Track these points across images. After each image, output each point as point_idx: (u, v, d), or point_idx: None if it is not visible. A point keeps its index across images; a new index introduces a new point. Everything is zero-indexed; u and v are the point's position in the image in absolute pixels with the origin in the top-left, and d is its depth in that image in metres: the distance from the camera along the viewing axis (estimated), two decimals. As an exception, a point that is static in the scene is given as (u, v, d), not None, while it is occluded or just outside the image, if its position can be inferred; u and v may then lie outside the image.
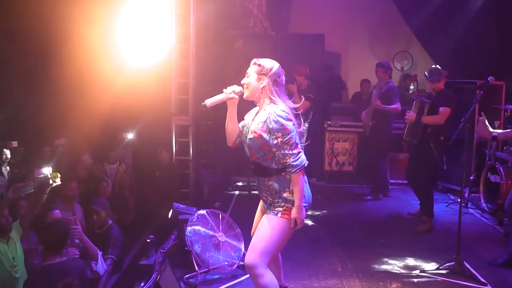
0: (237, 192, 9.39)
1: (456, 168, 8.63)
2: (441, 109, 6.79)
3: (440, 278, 5.48)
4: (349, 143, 10.19)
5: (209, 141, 9.42)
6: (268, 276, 3.93)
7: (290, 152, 3.78)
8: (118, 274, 5.78)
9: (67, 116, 7.70)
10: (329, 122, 10.13)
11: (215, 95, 4.03)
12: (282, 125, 3.75)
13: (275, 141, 3.77)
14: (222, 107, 4.16)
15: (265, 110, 3.89)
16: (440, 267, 5.66)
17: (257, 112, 4.00)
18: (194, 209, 6.03)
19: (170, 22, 7.78)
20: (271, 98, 3.90)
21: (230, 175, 9.94)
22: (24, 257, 5.13)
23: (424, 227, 7.11)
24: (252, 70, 4.00)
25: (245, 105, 4.22)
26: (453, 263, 5.61)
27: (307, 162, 3.87)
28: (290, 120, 3.81)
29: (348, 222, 7.66)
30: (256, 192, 4.26)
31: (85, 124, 7.64)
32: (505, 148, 7.90)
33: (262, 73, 3.95)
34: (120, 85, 7.50)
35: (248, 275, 5.54)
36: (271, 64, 3.99)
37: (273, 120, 3.76)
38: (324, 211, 8.17)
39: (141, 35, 7.47)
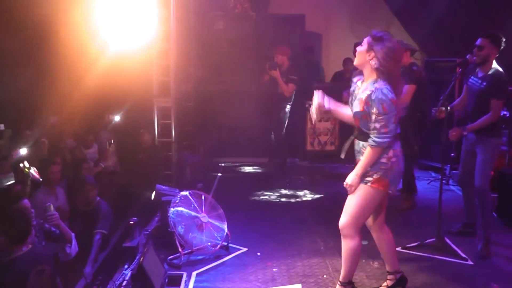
0: (220, 174, 9.40)
1: (436, 146, 8.73)
2: (405, 87, 6.40)
3: (421, 254, 5.57)
4: (331, 122, 10.24)
5: (191, 123, 9.42)
6: (357, 241, 4.20)
7: (379, 130, 3.95)
8: (107, 251, 5.80)
9: (52, 99, 7.66)
10: (310, 102, 10.14)
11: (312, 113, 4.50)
12: (384, 103, 3.90)
13: (372, 115, 3.96)
14: (199, 88, 4.18)
15: (373, 83, 4.01)
16: (421, 244, 5.76)
17: (363, 81, 4.15)
18: (177, 191, 6.05)
19: (150, 4, 7.70)
20: (381, 74, 3.99)
21: (212, 157, 9.96)
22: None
23: (406, 204, 7.20)
24: (365, 40, 4.08)
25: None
26: (434, 239, 5.71)
27: (388, 141, 3.99)
28: (393, 100, 3.93)
29: (331, 201, 7.71)
30: (239, 172, 4.30)
31: (70, 107, 7.61)
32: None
33: (371, 46, 4.02)
34: (101, 68, 7.45)
35: (231, 255, 5.60)
36: (388, 40, 4.01)
37: (378, 96, 3.91)
38: (307, 191, 8.24)
39: (122, 18, 7.39)
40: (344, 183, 4.18)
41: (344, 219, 4.21)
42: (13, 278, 4.20)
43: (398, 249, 5.68)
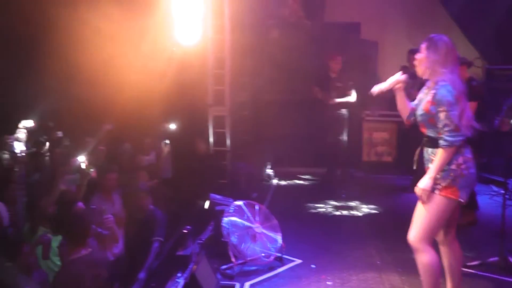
0: (274, 183, 9.34)
1: (499, 159, 8.37)
2: None
3: (483, 274, 5.30)
4: (388, 133, 10.02)
5: (246, 132, 9.41)
6: (431, 255, 4.03)
7: (448, 127, 3.83)
8: (160, 258, 5.83)
9: (109, 107, 7.82)
10: (367, 112, 9.97)
11: (380, 83, 4.27)
12: (448, 100, 3.82)
13: (439, 114, 3.86)
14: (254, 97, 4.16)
15: (436, 85, 3.94)
16: (483, 263, 5.49)
17: (429, 87, 4.06)
18: (231, 200, 6.03)
19: (204, 14, 7.76)
20: (441, 74, 3.93)
21: (267, 166, 9.91)
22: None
23: (467, 219, 6.91)
24: (424, 45, 4.03)
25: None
26: (497, 258, 5.44)
27: (460, 139, 3.87)
28: (458, 97, 3.86)
29: (387, 214, 7.53)
30: (293, 183, 4.24)
31: (126, 115, 7.73)
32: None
33: (431, 49, 3.97)
34: (158, 76, 7.56)
35: (285, 267, 5.52)
36: (440, 40, 3.99)
37: (442, 93, 3.85)
38: (363, 203, 8.06)
39: (178, 27, 7.48)
40: (416, 188, 4.00)
41: (414, 233, 4.06)
42: (69, 279, 4.29)
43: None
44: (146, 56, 7.43)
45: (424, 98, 4.04)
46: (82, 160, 6.46)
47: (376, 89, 4.26)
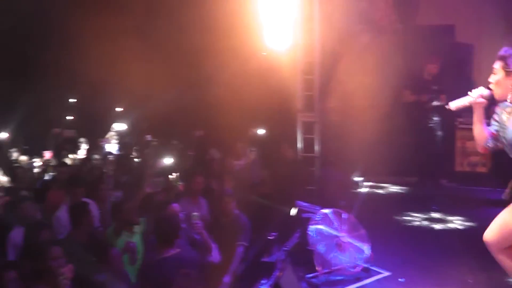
0: (363, 191, 9.15)
1: None
2: None
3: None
4: (483, 142, 9.53)
5: (336, 138, 9.27)
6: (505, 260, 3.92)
7: None
8: (245, 264, 5.84)
9: (199, 113, 7.98)
10: (461, 119, 9.55)
11: (460, 98, 3.94)
12: None
13: None
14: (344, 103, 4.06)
15: None
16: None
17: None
18: (318, 208, 5.95)
19: (294, 19, 7.73)
20: None
21: (356, 174, 9.71)
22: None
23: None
24: (498, 66, 3.71)
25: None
26: None
27: None
28: None
29: (481, 229, 7.13)
30: (382, 192, 4.13)
31: (216, 121, 7.85)
32: None
33: (509, 69, 3.65)
34: (246, 82, 7.62)
35: (372, 279, 5.38)
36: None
37: None
38: (455, 216, 7.70)
39: (267, 30, 7.50)
40: None
41: (486, 234, 3.97)
42: (160, 277, 4.42)
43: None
44: (236, 62, 7.51)
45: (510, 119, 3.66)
46: (169, 162, 6.63)
47: (454, 105, 3.93)
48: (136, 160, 8.81)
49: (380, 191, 9.34)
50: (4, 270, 4.28)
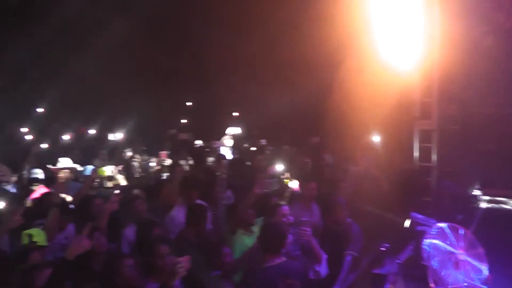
0: (482, 206, 8.61)
1: None
2: None
3: None
4: None
5: (454, 148, 8.83)
6: None
7: None
8: (356, 273, 5.73)
9: (316, 120, 7.96)
10: None
11: None
12: None
13: None
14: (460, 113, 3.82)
15: None
16: None
17: None
18: (433, 221, 5.69)
19: (416, 22, 7.47)
20: None
21: (475, 187, 9.18)
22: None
23: None
24: None
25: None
26: None
27: None
28: None
29: None
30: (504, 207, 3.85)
31: (330, 126, 7.78)
32: None
33: None
34: (362, 87, 7.49)
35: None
36: None
37: None
38: None
39: (385, 35, 7.32)
40: None
41: None
42: (262, 286, 4.41)
43: None
44: (354, 68, 7.40)
45: None
46: (280, 169, 6.65)
47: None
48: (248, 164, 8.94)
49: (501, 206, 8.73)
50: (122, 257, 4.50)
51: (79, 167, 8.19)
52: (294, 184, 6.75)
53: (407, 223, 5.95)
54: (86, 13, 13.18)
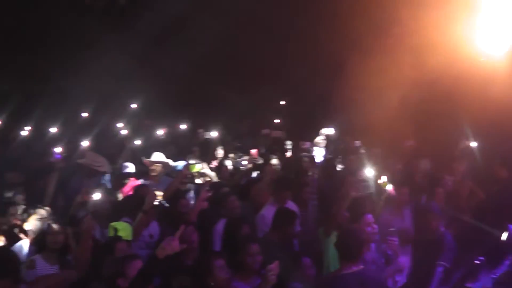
0: None
1: None
2: None
3: None
4: None
5: None
6: None
7: None
8: (447, 286, 5.55)
9: (412, 123, 7.75)
10: None
11: None
12: None
13: None
14: None
15: None
16: None
17: None
18: (534, 235, 5.38)
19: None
20: None
21: None
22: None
23: None
24: None
25: None
26: None
27: None
28: None
29: None
30: None
31: (426, 130, 7.55)
32: None
33: None
34: (461, 91, 7.21)
35: None
36: None
37: None
38: None
39: (483, 32, 6.96)
40: None
41: None
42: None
43: None
44: (452, 71, 7.12)
45: None
46: (371, 173, 6.54)
47: None
48: (340, 166, 8.85)
49: None
50: (214, 257, 4.57)
51: (171, 162, 8.41)
52: (390, 188, 6.63)
53: (504, 236, 5.65)
54: (184, 15, 13.58)
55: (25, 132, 11.72)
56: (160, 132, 12.07)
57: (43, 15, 14.52)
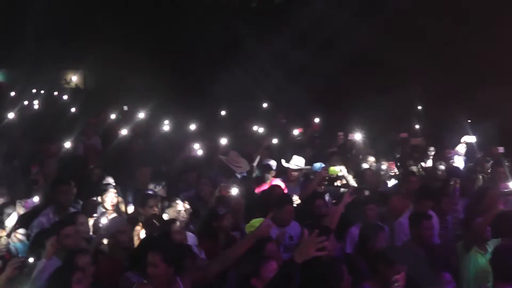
0: None
1: None
2: None
3: None
4: None
5: None
6: None
7: None
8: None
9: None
10: None
11: None
12: None
13: None
14: None
15: None
16: None
17: None
18: None
19: None
20: None
21: None
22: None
23: None
24: None
25: None
26: None
27: None
28: None
29: None
30: None
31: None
32: None
33: None
34: None
35: None
36: None
37: None
38: None
39: None
40: None
41: None
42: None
43: None
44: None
45: None
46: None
47: None
48: (481, 175, 8.44)
49: None
50: (339, 263, 4.48)
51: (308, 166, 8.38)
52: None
53: None
54: (325, 16, 13.66)
55: (166, 126, 12.07)
56: (296, 132, 12.09)
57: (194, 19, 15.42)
